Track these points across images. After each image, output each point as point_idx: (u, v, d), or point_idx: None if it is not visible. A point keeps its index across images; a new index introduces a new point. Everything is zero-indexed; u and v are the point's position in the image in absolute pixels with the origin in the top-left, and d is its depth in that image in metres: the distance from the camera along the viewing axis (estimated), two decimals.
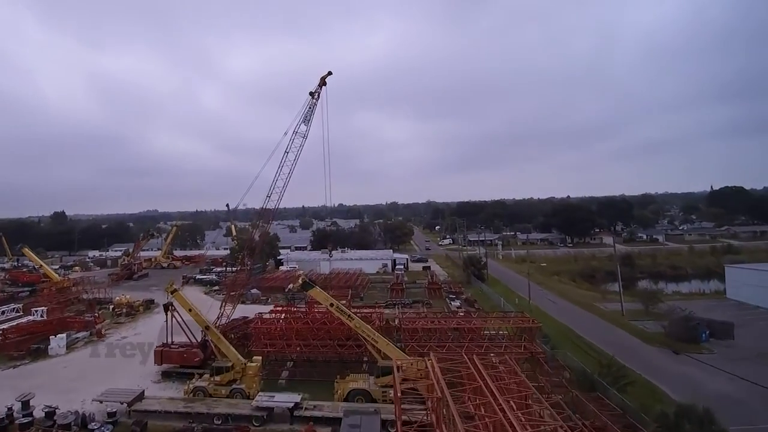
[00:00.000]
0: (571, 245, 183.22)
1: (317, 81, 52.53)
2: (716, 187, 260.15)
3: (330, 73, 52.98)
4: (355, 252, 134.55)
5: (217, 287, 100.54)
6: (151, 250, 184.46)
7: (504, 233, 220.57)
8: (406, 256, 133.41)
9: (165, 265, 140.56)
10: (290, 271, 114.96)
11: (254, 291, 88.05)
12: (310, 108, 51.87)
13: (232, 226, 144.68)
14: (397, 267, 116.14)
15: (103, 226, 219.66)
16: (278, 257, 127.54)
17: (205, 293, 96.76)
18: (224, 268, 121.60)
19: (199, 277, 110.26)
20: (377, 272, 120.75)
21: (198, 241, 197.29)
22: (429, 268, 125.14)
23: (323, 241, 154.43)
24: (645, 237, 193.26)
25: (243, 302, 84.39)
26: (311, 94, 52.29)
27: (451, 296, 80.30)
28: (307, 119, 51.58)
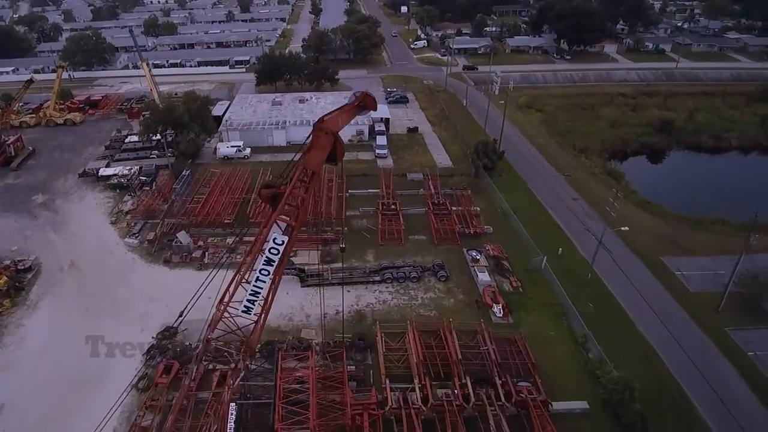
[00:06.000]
0: (569, 57, 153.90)
1: None
2: None
3: None
4: (317, 98, 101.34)
5: (130, 201, 71.06)
6: (45, 69, 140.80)
7: (489, 30, 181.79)
8: (386, 106, 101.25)
9: (60, 121, 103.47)
10: (232, 156, 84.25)
11: (181, 237, 59.94)
12: None
13: (145, 65, 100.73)
14: (378, 147, 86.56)
15: None
16: (214, 115, 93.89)
17: (113, 221, 67.45)
18: (140, 142, 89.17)
19: (103, 171, 78.16)
20: (350, 141, 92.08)
21: (107, 56, 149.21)
22: (417, 129, 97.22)
23: (272, 75, 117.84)
24: (651, 47, 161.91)
25: (167, 261, 58.33)
26: None
27: (473, 252, 56.27)
28: None
